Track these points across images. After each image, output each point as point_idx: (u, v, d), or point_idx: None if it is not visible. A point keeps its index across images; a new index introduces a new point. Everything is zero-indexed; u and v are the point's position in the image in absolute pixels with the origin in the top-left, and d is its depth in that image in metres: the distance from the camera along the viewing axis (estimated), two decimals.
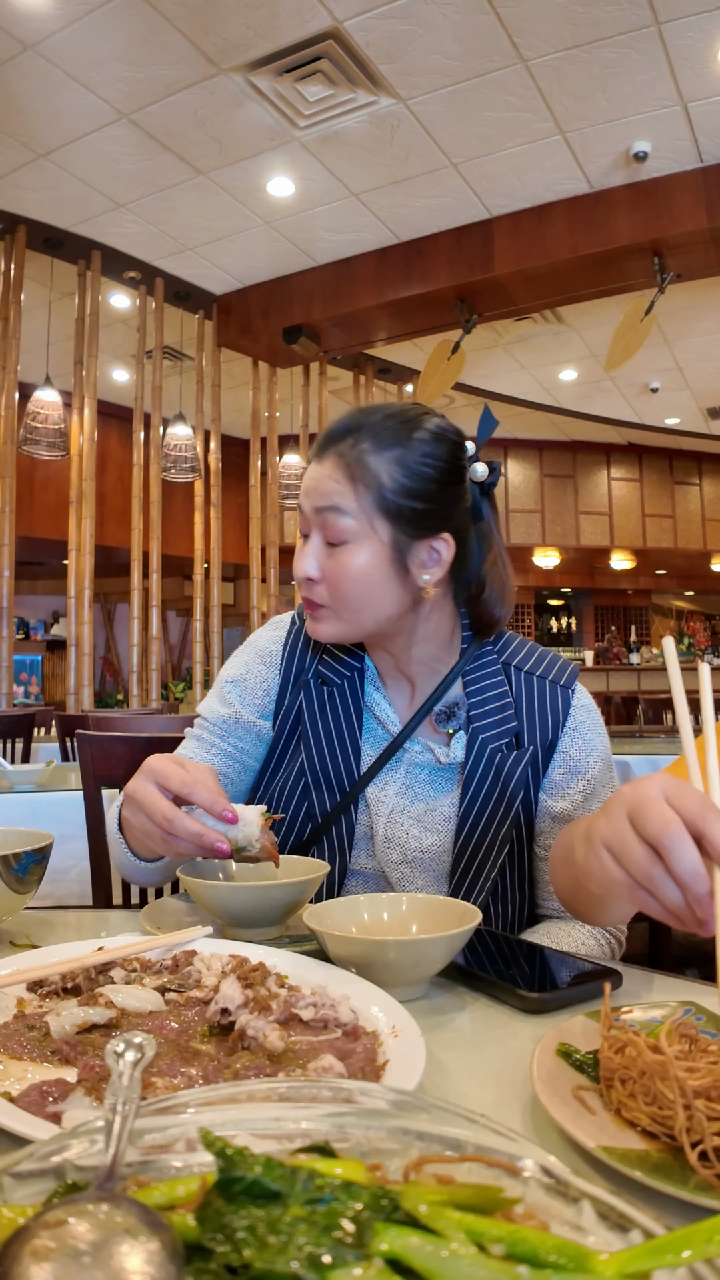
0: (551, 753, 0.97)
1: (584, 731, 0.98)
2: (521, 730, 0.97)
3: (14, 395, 4.61)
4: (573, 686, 1.00)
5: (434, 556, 0.92)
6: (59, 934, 0.83)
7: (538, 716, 0.97)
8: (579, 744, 0.98)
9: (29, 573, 8.95)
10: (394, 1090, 0.35)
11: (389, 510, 0.89)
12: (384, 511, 0.89)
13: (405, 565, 0.90)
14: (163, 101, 3.78)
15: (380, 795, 0.97)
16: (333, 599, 0.91)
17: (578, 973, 0.69)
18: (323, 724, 0.99)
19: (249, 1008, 0.54)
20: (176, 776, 0.77)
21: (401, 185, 4.46)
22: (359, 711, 0.99)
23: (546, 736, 0.97)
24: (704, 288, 5.26)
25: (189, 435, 5.45)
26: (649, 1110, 0.43)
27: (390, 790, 0.97)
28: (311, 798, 0.98)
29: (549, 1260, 0.25)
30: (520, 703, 0.98)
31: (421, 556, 0.91)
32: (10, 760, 3.41)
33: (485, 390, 7.52)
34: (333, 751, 0.98)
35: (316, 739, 0.99)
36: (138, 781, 0.78)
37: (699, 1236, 0.25)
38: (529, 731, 0.97)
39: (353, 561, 0.89)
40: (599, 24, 3.30)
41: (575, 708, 0.99)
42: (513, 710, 0.97)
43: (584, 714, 1.00)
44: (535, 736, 0.97)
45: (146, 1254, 0.25)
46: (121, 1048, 0.39)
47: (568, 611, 11.46)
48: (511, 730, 0.96)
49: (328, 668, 1.01)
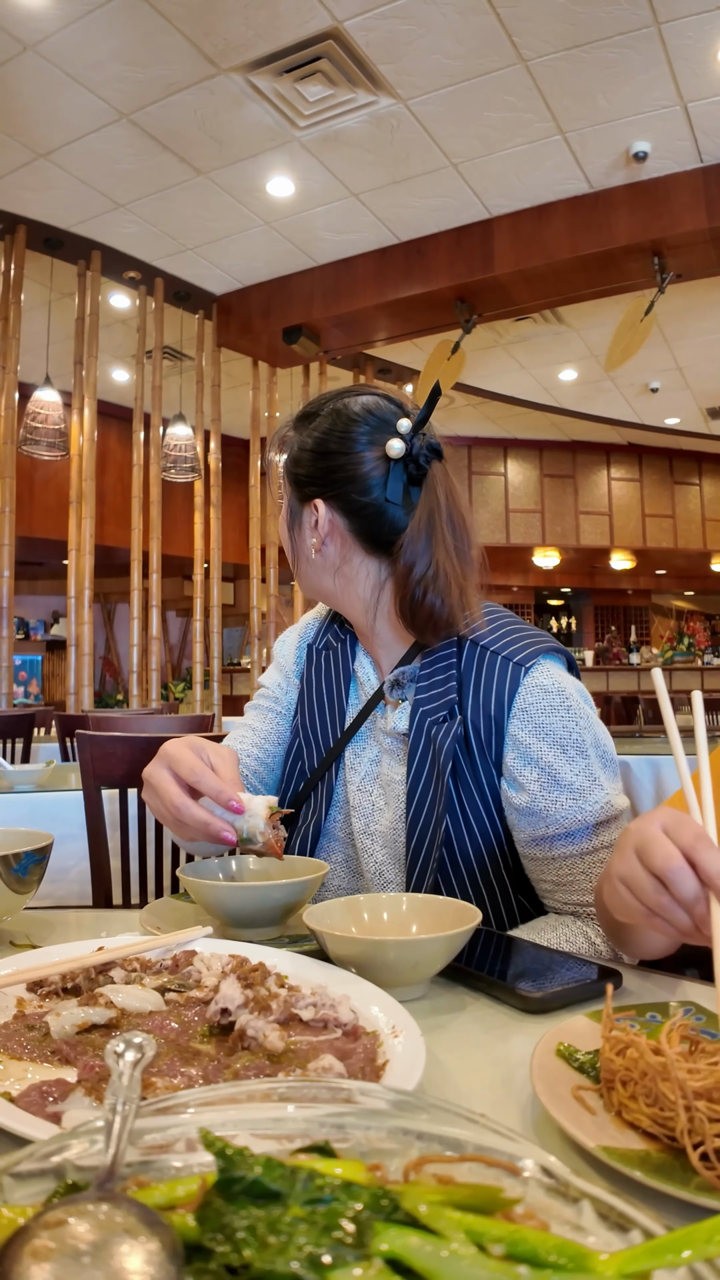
0: (501, 735, 0.91)
1: (535, 714, 0.90)
2: (466, 709, 0.93)
3: (14, 395, 4.61)
4: (529, 665, 0.92)
5: (312, 518, 1.00)
6: (59, 934, 0.83)
7: (480, 691, 0.92)
8: (529, 727, 0.90)
9: (29, 573, 8.95)
10: (394, 1090, 0.35)
11: (289, 476, 1.03)
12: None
13: (300, 526, 1.01)
14: (162, 101, 3.78)
15: (355, 762, 1.00)
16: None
17: (578, 973, 0.69)
18: (316, 684, 1.06)
19: (249, 1008, 0.54)
20: (186, 764, 0.78)
21: (401, 185, 4.46)
22: (347, 674, 1.04)
23: (489, 714, 0.91)
24: (704, 288, 5.26)
25: (189, 435, 5.45)
26: (650, 1112, 0.43)
27: (365, 757, 1.00)
28: (303, 756, 1.04)
29: (549, 1260, 0.25)
30: (467, 677, 0.94)
31: (305, 520, 1.00)
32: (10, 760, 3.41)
33: (485, 390, 7.52)
34: (322, 710, 1.04)
35: (310, 698, 1.06)
36: (154, 766, 0.80)
37: (699, 1236, 0.25)
38: (473, 711, 0.92)
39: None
40: (599, 24, 3.30)
41: (526, 687, 0.91)
42: (455, 683, 0.95)
43: (537, 694, 0.90)
44: (473, 710, 0.92)
45: (146, 1254, 0.25)
46: (121, 1048, 0.39)
47: (567, 611, 11.46)
48: (450, 703, 0.93)
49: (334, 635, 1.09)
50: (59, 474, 6.55)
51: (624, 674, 9.86)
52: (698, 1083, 0.41)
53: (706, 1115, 0.40)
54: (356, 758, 1.00)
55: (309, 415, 1.03)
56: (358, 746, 1.00)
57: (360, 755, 1.00)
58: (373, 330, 5.61)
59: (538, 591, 10.92)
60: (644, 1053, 0.44)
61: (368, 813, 0.98)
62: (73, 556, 4.95)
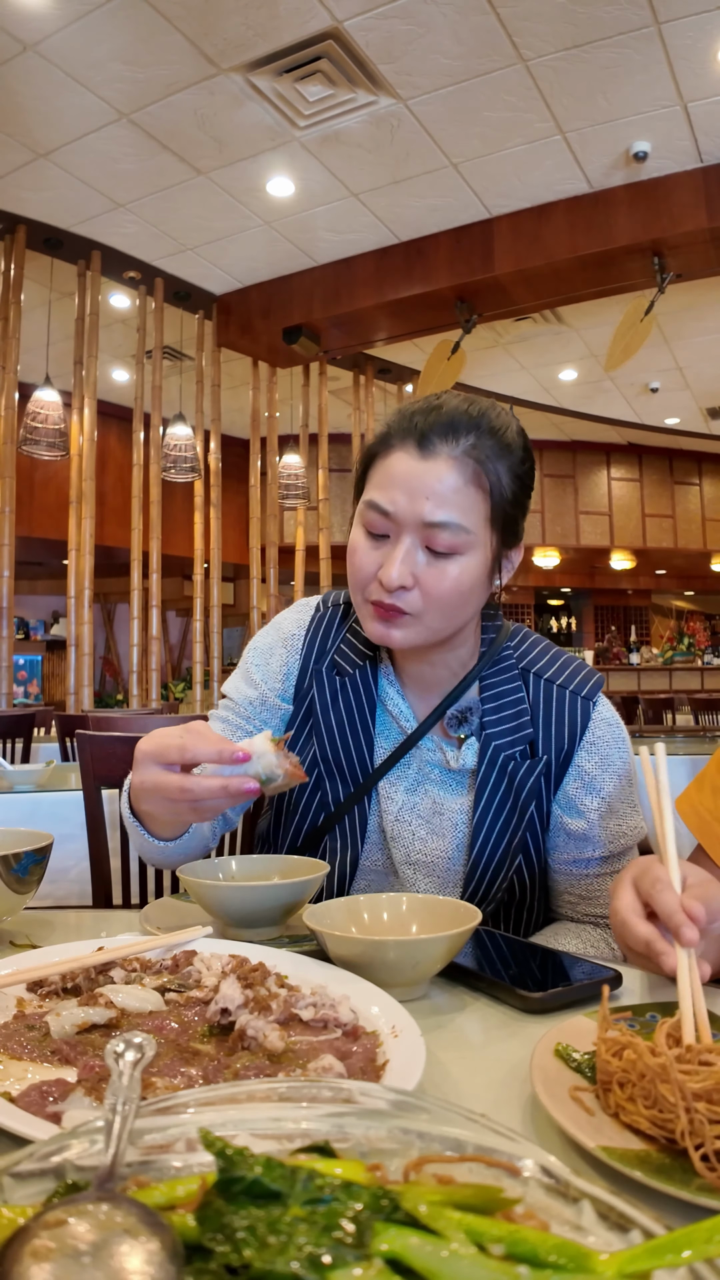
0: (566, 765, 0.93)
1: (602, 746, 0.94)
2: (536, 739, 0.93)
3: (14, 395, 4.61)
4: (594, 698, 0.95)
5: (509, 562, 0.90)
6: (59, 934, 0.83)
7: (554, 726, 0.93)
8: (596, 759, 0.93)
9: (29, 573, 8.95)
10: (394, 1090, 0.35)
11: (500, 520, 0.86)
12: (495, 522, 0.86)
13: (499, 574, 0.89)
14: (162, 101, 3.78)
15: (391, 791, 0.95)
16: (426, 608, 0.84)
17: (578, 973, 0.69)
18: (334, 713, 0.97)
19: (249, 1008, 0.54)
20: (174, 748, 0.74)
21: (401, 185, 4.46)
22: (372, 704, 0.97)
23: (562, 748, 0.93)
24: (704, 288, 5.26)
25: (189, 435, 5.45)
26: (649, 1114, 0.43)
27: (401, 787, 0.95)
28: (325, 787, 0.96)
29: (549, 1260, 0.25)
30: (537, 711, 0.94)
31: (503, 562, 0.90)
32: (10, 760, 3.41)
33: (486, 390, 7.52)
34: (344, 742, 0.96)
35: (329, 728, 0.96)
36: (138, 773, 0.76)
37: (699, 1236, 0.25)
38: (544, 741, 0.93)
39: (461, 572, 0.84)
40: (599, 24, 3.30)
41: (595, 721, 0.94)
42: (529, 718, 0.93)
43: (604, 728, 0.94)
44: (550, 746, 0.93)
45: (146, 1254, 0.25)
46: (121, 1048, 0.39)
47: (568, 611, 11.46)
48: (526, 738, 0.93)
49: (343, 657, 0.99)
50: (59, 474, 6.56)
51: (624, 674, 9.86)
52: (697, 1084, 0.41)
53: (706, 1117, 0.40)
54: (392, 787, 0.95)
55: (507, 445, 0.87)
56: (392, 777, 0.96)
57: (395, 785, 0.96)
58: (373, 330, 5.60)
59: (538, 591, 10.92)
60: (642, 1054, 0.44)
61: (408, 842, 0.94)
62: (73, 556, 4.95)
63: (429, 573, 0.83)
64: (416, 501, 0.82)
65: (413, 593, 0.84)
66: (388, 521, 0.84)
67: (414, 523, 0.82)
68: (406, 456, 0.83)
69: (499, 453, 0.85)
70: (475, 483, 0.83)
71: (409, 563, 0.83)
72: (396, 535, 0.84)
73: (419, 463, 0.83)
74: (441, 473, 0.82)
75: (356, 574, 0.87)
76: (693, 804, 0.83)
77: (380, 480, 0.85)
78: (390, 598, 0.84)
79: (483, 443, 0.84)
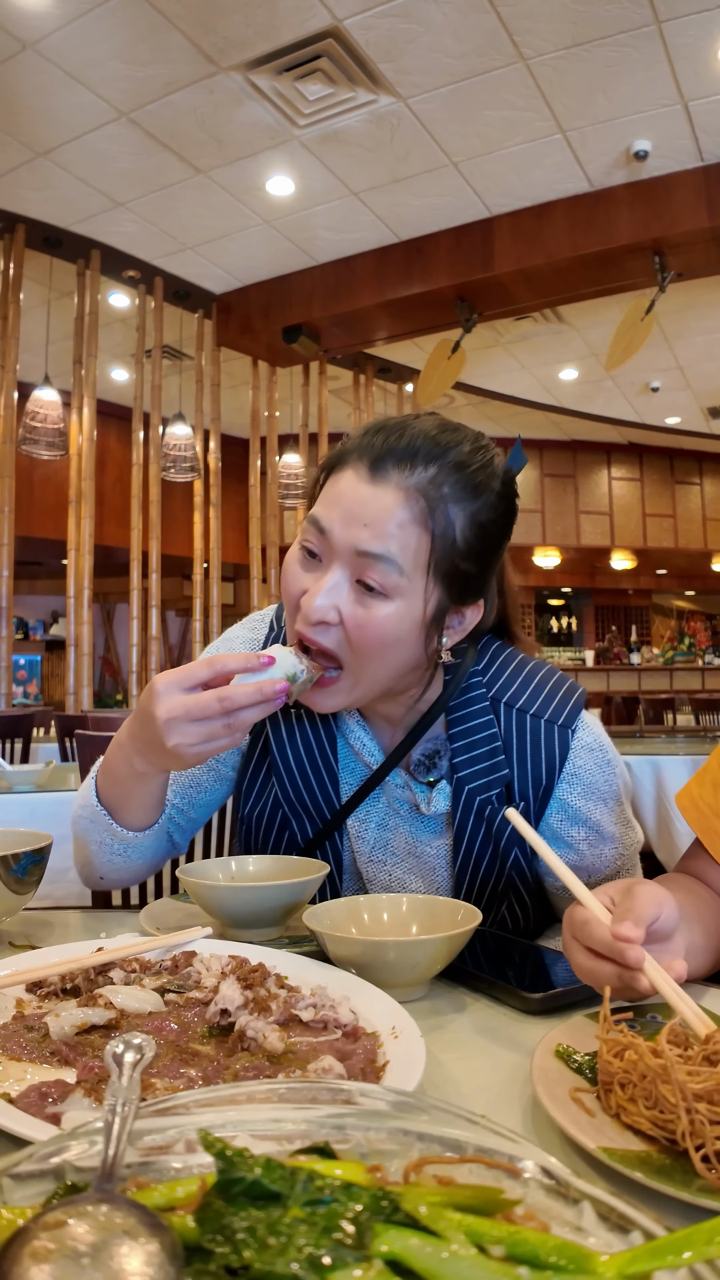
0: (547, 800, 0.87)
1: (585, 776, 0.87)
2: (513, 780, 0.86)
3: (13, 394, 4.61)
4: (574, 724, 0.87)
5: (458, 621, 0.81)
6: (58, 935, 0.83)
7: (530, 764, 0.85)
8: (578, 791, 0.86)
9: (28, 572, 8.95)
10: (394, 1091, 0.35)
11: (448, 573, 0.76)
12: (443, 573, 0.76)
13: (438, 630, 0.79)
14: (162, 100, 3.78)
15: (361, 830, 0.91)
16: (349, 652, 0.76)
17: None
18: (292, 750, 0.90)
19: (249, 1009, 0.54)
20: (200, 668, 0.72)
21: (401, 184, 4.46)
22: (332, 739, 0.90)
23: (540, 783, 0.86)
24: (705, 287, 5.26)
25: (188, 435, 5.45)
26: (650, 1114, 0.43)
27: (371, 824, 0.91)
28: (292, 826, 0.92)
29: (549, 1261, 0.25)
30: (510, 746, 0.86)
31: (450, 622, 0.80)
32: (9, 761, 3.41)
33: (486, 390, 7.52)
34: (306, 780, 0.90)
35: (287, 766, 0.90)
36: (163, 704, 0.72)
37: (700, 1238, 0.25)
38: (520, 780, 0.86)
39: (386, 619, 0.75)
40: (599, 23, 3.30)
41: (576, 750, 0.86)
42: (503, 756, 0.86)
43: (585, 756, 0.87)
44: (529, 788, 0.86)
45: (146, 1255, 0.25)
46: (121, 1049, 0.39)
47: (568, 611, 11.46)
48: (502, 780, 0.85)
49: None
50: (58, 473, 6.55)
51: (624, 674, 9.86)
52: (698, 1085, 0.41)
53: (707, 1118, 0.40)
54: (362, 824, 0.90)
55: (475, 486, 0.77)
56: (361, 813, 0.91)
57: (365, 821, 0.90)
58: (373, 329, 5.60)
59: (538, 591, 10.91)
60: (643, 1055, 0.43)
61: (386, 884, 0.90)
62: (72, 556, 4.95)
63: (354, 611, 0.75)
64: (353, 527, 0.75)
65: (334, 630, 0.76)
66: (323, 542, 0.77)
67: (347, 550, 0.75)
68: (355, 477, 0.76)
69: (462, 493, 0.76)
70: (420, 522, 0.74)
71: (334, 595, 0.75)
72: (329, 561, 0.77)
73: (366, 486, 0.75)
74: (387, 502, 0.74)
75: (284, 594, 0.81)
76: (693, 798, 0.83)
77: (326, 497, 0.78)
78: (312, 632, 0.77)
79: (443, 478, 0.75)
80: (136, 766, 0.81)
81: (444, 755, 0.87)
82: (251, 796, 0.95)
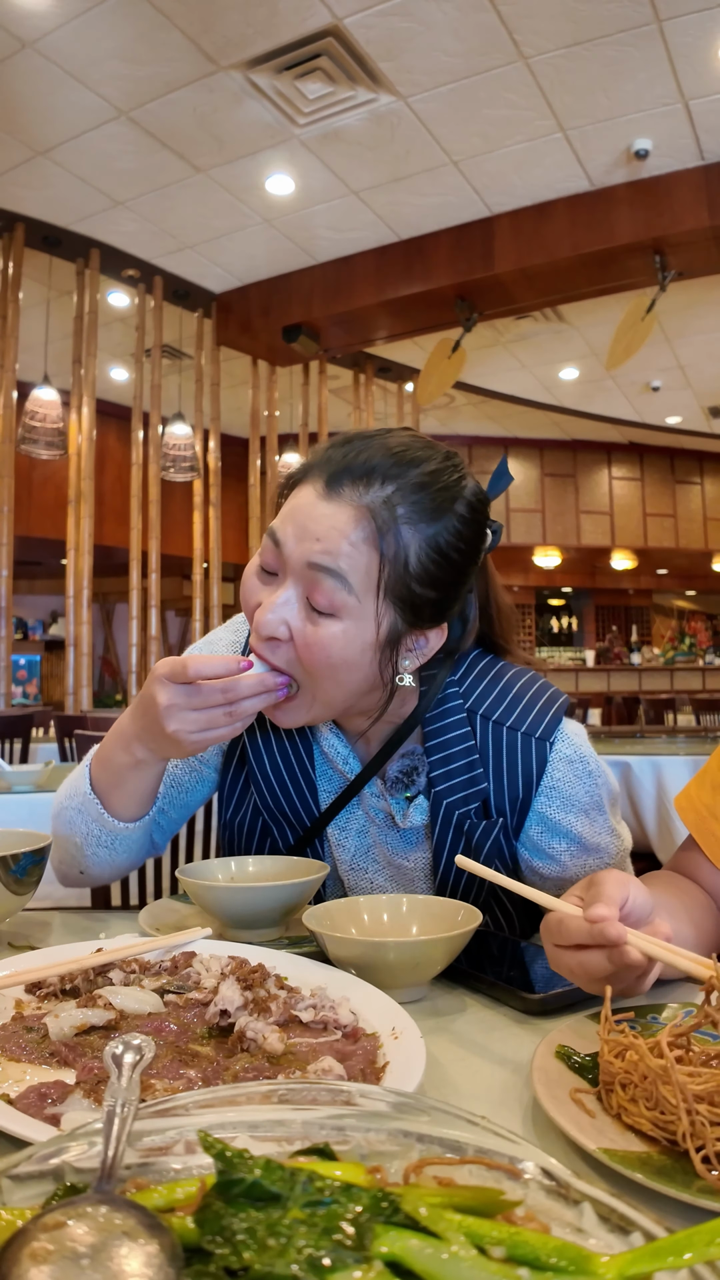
0: (525, 812, 0.86)
1: (564, 788, 0.85)
2: (489, 795, 0.85)
3: (12, 394, 4.60)
4: (552, 737, 0.85)
5: (421, 644, 0.80)
6: (57, 935, 0.83)
7: (506, 778, 0.85)
8: (557, 803, 0.85)
9: (27, 572, 8.95)
10: (394, 1092, 0.35)
11: (401, 596, 0.75)
12: (396, 596, 0.74)
13: (393, 653, 0.77)
14: (162, 99, 3.77)
15: (341, 839, 0.91)
16: (301, 670, 0.76)
17: None
18: (269, 758, 0.90)
19: (248, 1009, 0.54)
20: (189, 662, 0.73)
21: (401, 183, 4.46)
22: (309, 747, 0.90)
23: (517, 797, 0.85)
24: (705, 286, 5.25)
25: (188, 434, 5.45)
26: (651, 1115, 0.43)
27: (350, 833, 0.91)
28: (273, 833, 0.92)
29: (550, 1263, 0.25)
30: (487, 760, 0.85)
31: (409, 644, 0.79)
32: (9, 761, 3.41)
33: (486, 389, 7.52)
34: (285, 788, 0.90)
35: (265, 774, 0.90)
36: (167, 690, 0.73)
37: (700, 1239, 0.25)
38: (497, 795, 0.85)
39: (334, 639, 0.74)
40: (600, 21, 3.29)
41: (554, 762, 0.85)
42: (481, 770, 0.85)
43: (563, 768, 0.86)
44: (505, 803, 0.85)
45: (145, 1256, 0.25)
46: (120, 1049, 0.39)
47: (568, 611, 11.46)
48: (480, 794, 0.85)
49: None
50: (57, 473, 6.55)
51: (625, 674, 9.86)
52: (699, 1086, 0.41)
53: (708, 1119, 0.40)
54: (342, 833, 0.90)
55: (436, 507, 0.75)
56: (340, 821, 0.90)
57: (346, 829, 0.90)
58: (373, 329, 5.60)
59: (538, 591, 10.91)
60: (644, 1055, 0.43)
61: (367, 892, 0.91)
62: (71, 556, 4.95)
63: (304, 629, 0.74)
64: (305, 541, 0.74)
65: (285, 647, 0.76)
66: (278, 555, 0.76)
67: (299, 564, 0.74)
68: (312, 492, 0.75)
69: (419, 515, 0.74)
70: (370, 543, 0.73)
71: (284, 611, 0.74)
72: (283, 576, 0.76)
73: (319, 502, 0.74)
74: (339, 519, 0.73)
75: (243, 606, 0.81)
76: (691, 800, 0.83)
77: (284, 511, 0.78)
78: (264, 648, 0.76)
79: (399, 499, 0.73)
80: (135, 753, 0.81)
81: (421, 771, 0.87)
82: (232, 804, 0.95)
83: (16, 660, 8.93)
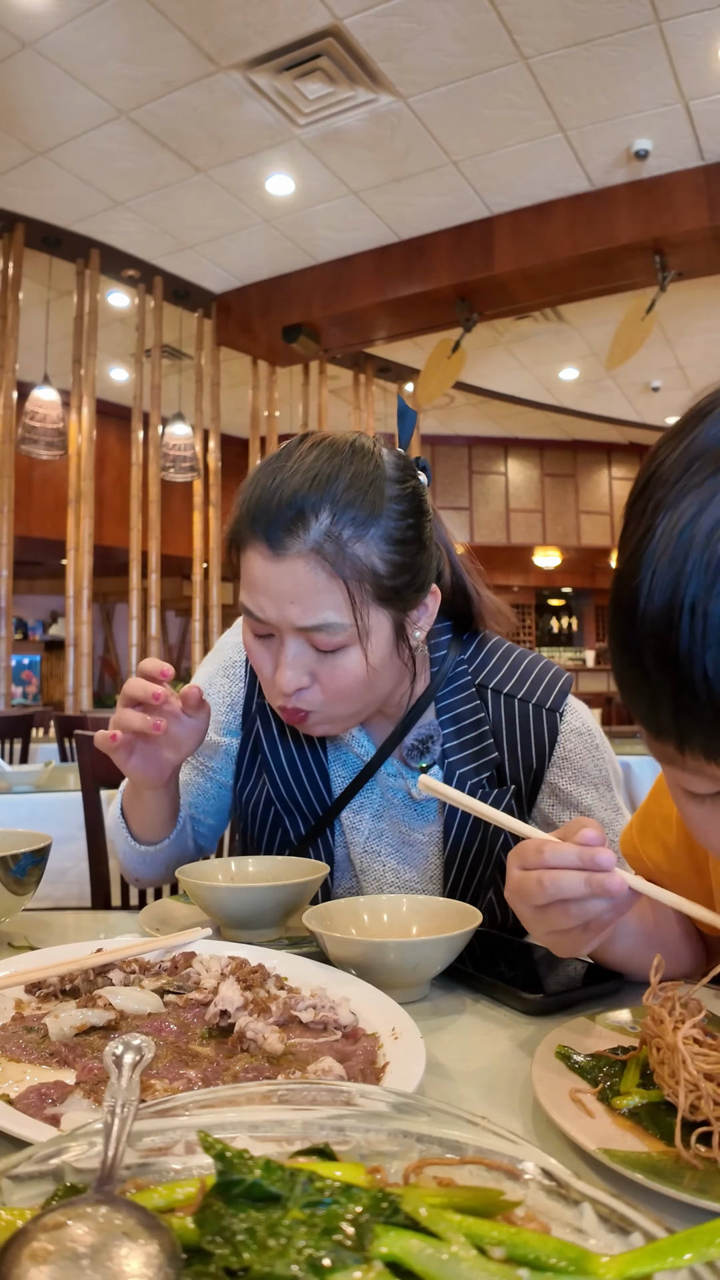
0: (538, 785, 0.89)
1: (575, 760, 0.88)
2: (503, 763, 0.88)
3: (12, 394, 4.60)
4: (561, 708, 0.88)
5: (423, 611, 0.82)
6: (57, 935, 0.83)
7: (520, 747, 0.88)
8: (569, 774, 0.88)
9: (27, 572, 8.94)
10: (394, 1092, 0.35)
11: (385, 596, 0.77)
12: (381, 599, 0.77)
13: (405, 637, 0.81)
14: (162, 99, 3.77)
15: (356, 821, 0.92)
16: (329, 702, 0.79)
17: (579, 975, 0.69)
18: (283, 748, 0.92)
19: (248, 1010, 0.54)
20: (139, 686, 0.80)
21: (401, 183, 4.46)
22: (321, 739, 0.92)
23: (531, 768, 0.88)
24: (705, 286, 5.25)
25: (188, 434, 5.45)
26: (671, 1084, 0.44)
27: (366, 814, 0.92)
28: (285, 824, 0.94)
29: (550, 1263, 0.25)
30: (500, 731, 0.88)
31: (413, 621, 0.82)
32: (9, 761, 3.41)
33: (486, 389, 7.51)
34: (298, 778, 0.92)
35: (279, 765, 0.92)
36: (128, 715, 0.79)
37: (700, 1239, 0.25)
38: (510, 764, 0.88)
39: (355, 664, 0.77)
40: (600, 21, 3.29)
41: (565, 733, 0.88)
42: (492, 740, 0.88)
43: (574, 739, 0.89)
44: (519, 771, 0.88)
45: (145, 1256, 0.25)
46: (120, 1050, 0.39)
47: (569, 611, 11.45)
48: (492, 763, 0.88)
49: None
50: (57, 473, 6.54)
51: None
52: (708, 1065, 0.42)
53: (712, 1097, 0.41)
54: (356, 816, 0.92)
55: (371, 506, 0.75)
56: (355, 805, 0.92)
57: (360, 814, 0.92)
58: (373, 329, 5.60)
59: (538, 591, 10.91)
60: (666, 1031, 0.45)
61: (379, 874, 0.92)
62: (71, 556, 4.95)
63: (323, 669, 0.77)
64: (283, 608, 0.75)
65: (313, 689, 0.78)
66: (265, 624, 0.78)
67: (288, 629, 0.76)
68: (259, 557, 0.76)
69: (361, 523, 0.74)
70: (334, 576, 0.74)
71: (298, 666, 0.77)
72: (279, 637, 0.78)
73: (271, 565, 0.75)
74: (298, 574, 0.74)
75: (258, 673, 0.83)
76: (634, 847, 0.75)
77: (244, 581, 0.79)
78: (291, 701, 0.79)
79: (336, 525, 0.73)
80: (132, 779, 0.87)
81: (436, 741, 0.90)
82: (247, 788, 0.98)
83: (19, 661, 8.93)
